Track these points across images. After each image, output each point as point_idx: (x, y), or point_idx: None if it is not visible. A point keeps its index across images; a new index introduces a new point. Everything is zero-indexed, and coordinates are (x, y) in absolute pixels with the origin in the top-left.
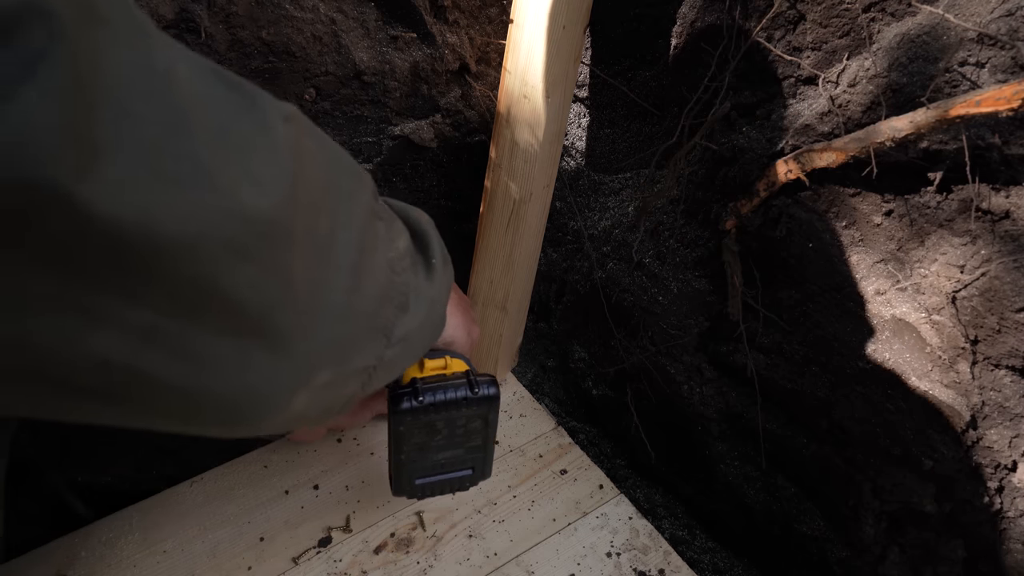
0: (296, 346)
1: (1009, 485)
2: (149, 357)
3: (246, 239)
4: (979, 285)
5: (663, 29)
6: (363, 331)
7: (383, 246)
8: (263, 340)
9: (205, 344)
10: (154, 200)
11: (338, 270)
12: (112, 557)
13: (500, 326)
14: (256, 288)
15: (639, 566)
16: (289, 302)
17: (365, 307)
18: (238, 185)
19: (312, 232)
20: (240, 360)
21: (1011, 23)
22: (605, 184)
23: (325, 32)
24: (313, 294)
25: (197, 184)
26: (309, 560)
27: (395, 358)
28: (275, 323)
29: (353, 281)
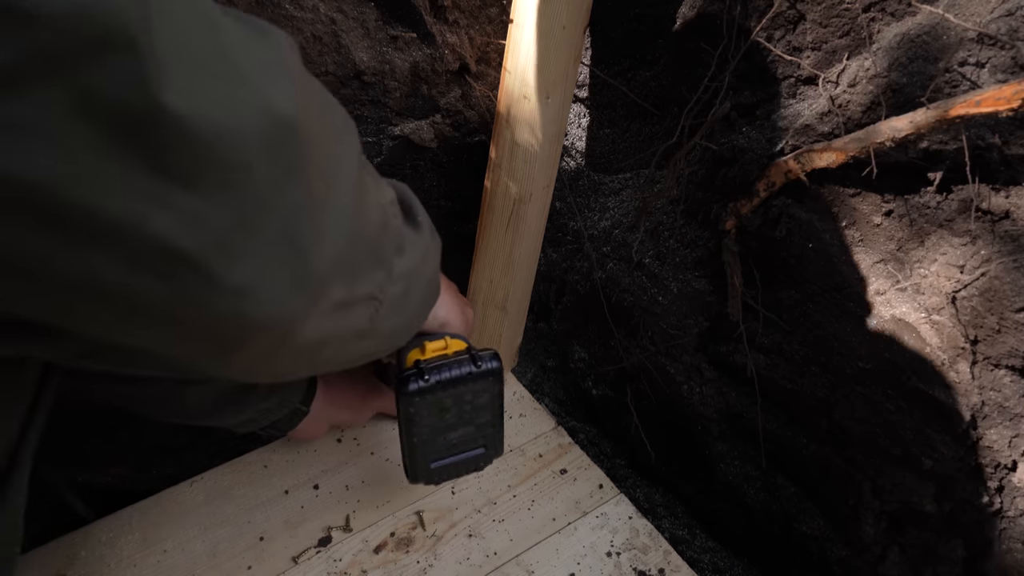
0: (312, 253)
1: (1009, 485)
2: (197, 240)
3: (276, 135)
4: (979, 285)
5: (663, 29)
6: (366, 256)
7: (374, 190)
8: (288, 245)
9: (242, 237)
10: (208, 95)
11: (343, 193)
12: (112, 557)
13: (500, 326)
14: (281, 189)
15: (639, 566)
16: (308, 208)
17: (367, 233)
18: (268, 90)
19: (322, 149)
20: (269, 260)
21: (1011, 23)
22: (605, 184)
23: (325, 32)
24: (323, 207)
25: (236, 84)
26: (309, 560)
27: (397, 300)
28: (298, 228)
29: (356, 206)
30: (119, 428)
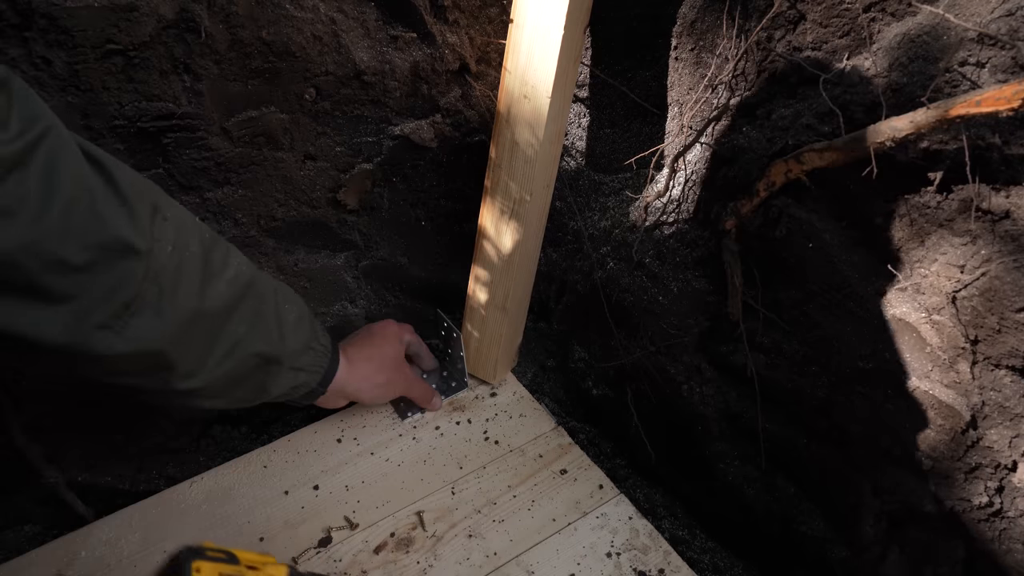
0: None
1: (1009, 485)
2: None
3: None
4: (979, 285)
5: (663, 29)
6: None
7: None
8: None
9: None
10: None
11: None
12: (112, 557)
13: (500, 326)
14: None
15: (639, 566)
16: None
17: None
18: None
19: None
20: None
21: (1011, 23)
22: (605, 184)
23: (325, 32)
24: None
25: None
26: (309, 560)
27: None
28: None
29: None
30: (119, 428)
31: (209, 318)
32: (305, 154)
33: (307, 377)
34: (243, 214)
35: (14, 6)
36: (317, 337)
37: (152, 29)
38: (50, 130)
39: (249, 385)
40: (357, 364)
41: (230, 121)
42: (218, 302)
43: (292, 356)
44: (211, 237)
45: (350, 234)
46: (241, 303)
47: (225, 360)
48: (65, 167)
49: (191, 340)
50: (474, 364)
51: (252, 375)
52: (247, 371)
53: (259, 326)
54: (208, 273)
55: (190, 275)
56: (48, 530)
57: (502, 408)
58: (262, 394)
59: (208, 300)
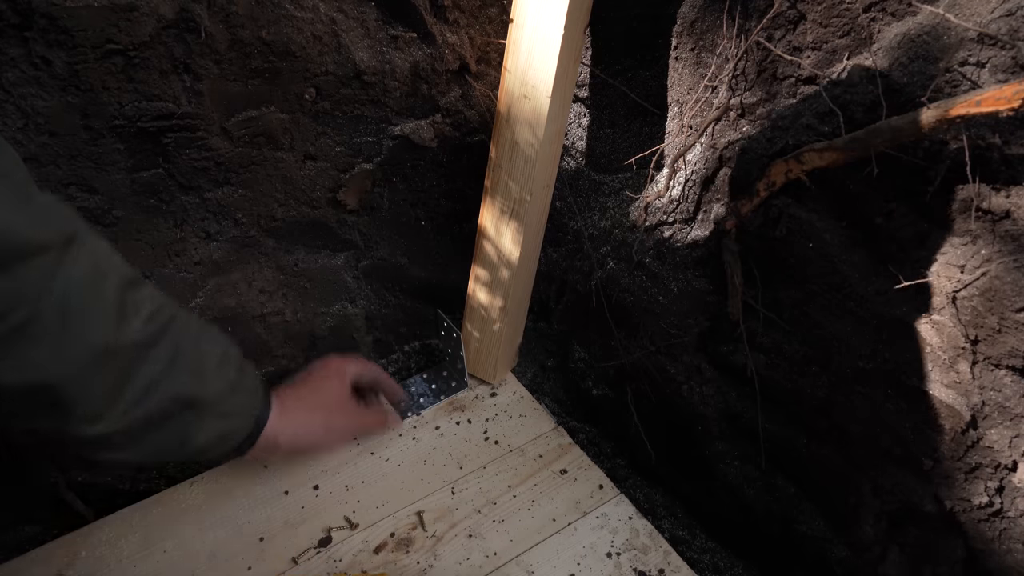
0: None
1: (1009, 485)
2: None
3: None
4: (979, 285)
5: (663, 29)
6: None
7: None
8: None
9: None
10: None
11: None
12: (112, 557)
13: (500, 326)
14: None
15: (639, 566)
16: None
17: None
18: None
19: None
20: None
21: (1011, 23)
22: (605, 184)
23: (325, 32)
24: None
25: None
26: (309, 560)
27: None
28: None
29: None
30: None
31: (121, 355)
32: (305, 154)
33: (237, 423)
34: (243, 214)
35: (14, 6)
36: (245, 381)
37: (152, 29)
38: None
39: (168, 433)
40: (292, 411)
41: (230, 121)
42: (133, 338)
43: (217, 399)
44: (132, 276)
45: (350, 234)
46: (160, 340)
47: (139, 403)
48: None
49: (96, 378)
50: (474, 364)
51: (171, 421)
52: (165, 416)
53: (179, 365)
54: (123, 309)
55: (100, 307)
56: (48, 530)
57: (502, 408)
58: (185, 443)
59: (121, 336)
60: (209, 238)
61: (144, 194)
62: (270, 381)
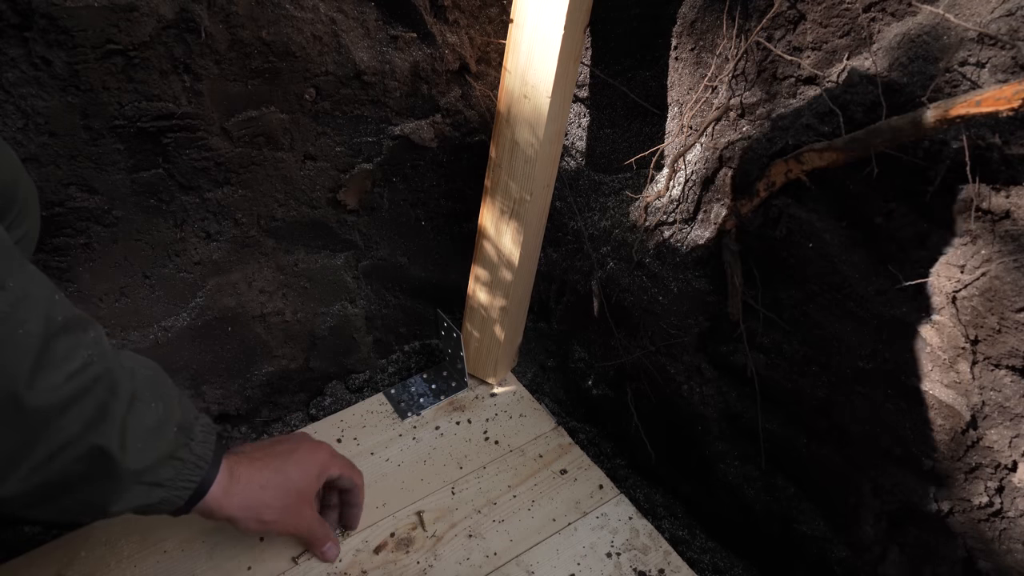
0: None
1: (1009, 485)
2: None
3: None
4: (979, 285)
5: (663, 29)
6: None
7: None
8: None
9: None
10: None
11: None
12: (112, 557)
13: (500, 326)
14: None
15: (639, 566)
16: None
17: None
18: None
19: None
20: None
21: (1011, 23)
22: (605, 184)
23: (325, 32)
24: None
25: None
26: (309, 560)
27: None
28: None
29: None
30: None
31: (31, 413)
32: (305, 154)
33: (165, 494)
34: (243, 214)
35: (14, 6)
36: (186, 449)
37: (152, 29)
38: None
39: (82, 497)
40: (246, 485)
41: (230, 121)
42: (49, 396)
43: (144, 470)
44: (69, 321)
45: (350, 234)
46: (80, 400)
47: (44, 467)
48: None
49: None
50: (474, 364)
51: (86, 487)
52: (75, 482)
53: (100, 430)
54: (43, 360)
55: (15, 357)
56: (48, 530)
57: (502, 408)
58: (102, 509)
59: (34, 392)
60: (209, 238)
61: (144, 194)
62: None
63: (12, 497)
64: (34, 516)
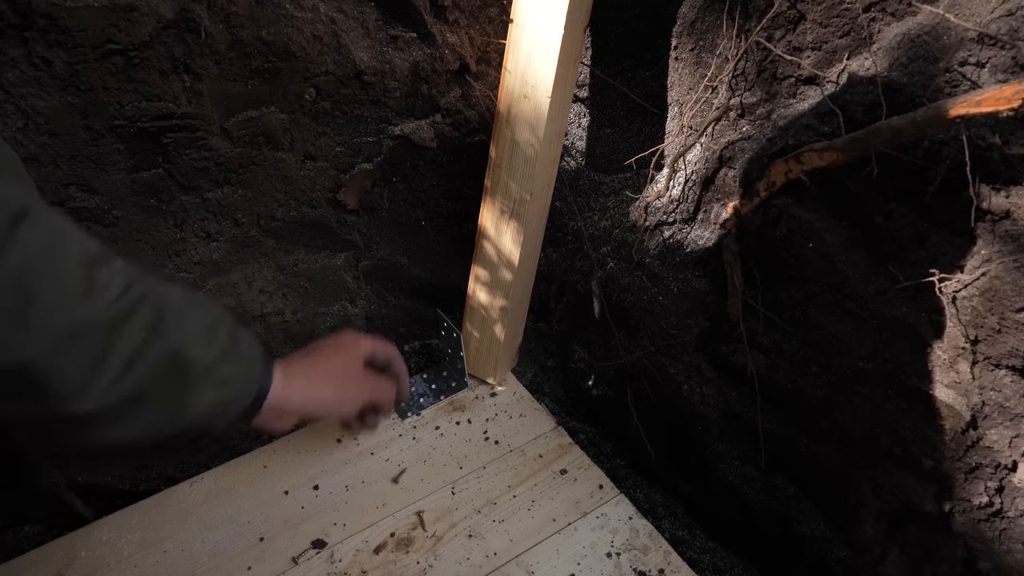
0: None
1: (1009, 485)
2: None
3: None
4: (979, 285)
5: (663, 29)
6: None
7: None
8: None
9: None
10: None
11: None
12: (112, 557)
13: (500, 326)
14: None
15: (639, 566)
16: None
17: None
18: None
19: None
20: None
21: (1011, 23)
22: (605, 184)
23: (325, 32)
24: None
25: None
26: (309, 560)
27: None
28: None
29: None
30: None
31: (92, 331)
32: (305, 154)
33: (234, 391)
34: (243, 214)
35: (14, 6)
36: (240, 348)
37: (152, 29)
38: None
39: (160, 405)
40: (300, 379)
41: (230, 121)
42: (102, 314)
43: (209, 368)
44: (98, 252)
45: (350, 234)
46: (134, 314)
47: (121, 378)
48: None
49: (69, 355)
50: (474, 364)
51: (160, 394)
52: (152, 389)
53: (161, 336)
54: (90, 281)
55: (66, 280)
56: (48, 530)
57: (502, 408)
58: (181, 413)
59: (89, 312)
60: (209, 238)
61: (144, 194)
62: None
63: (98, 412)
64: (123, 438)
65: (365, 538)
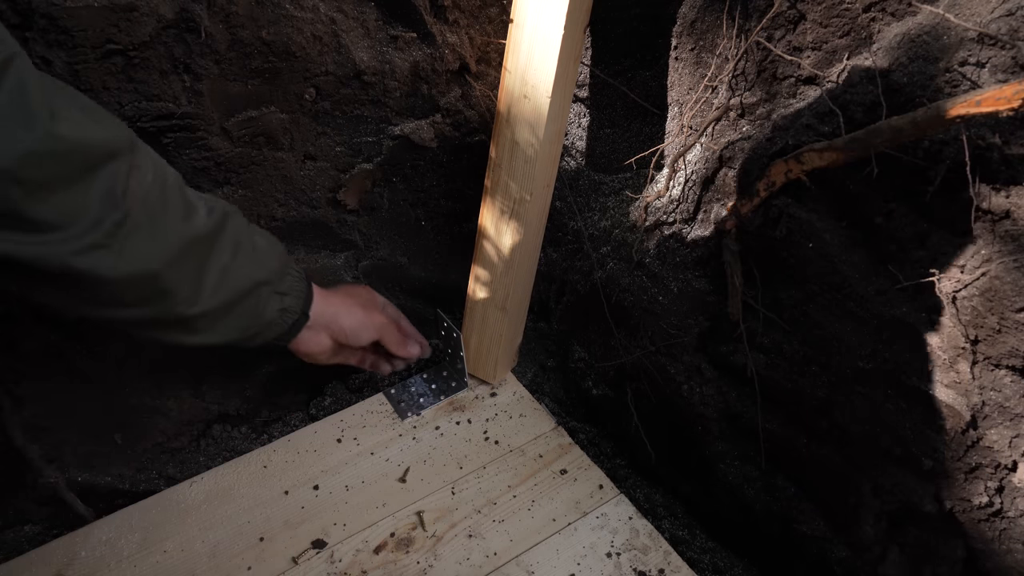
0: None
1: (1009, 485)
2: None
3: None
4: (979, 285)
5: (663, 29)
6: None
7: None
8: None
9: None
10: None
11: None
12: (112, 557)
13: (500, 326)
14: None
15: (639, 566)
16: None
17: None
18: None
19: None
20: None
21: (1011, 23)
22: (605, 184)
23: (325, 32)
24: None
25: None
26: (309, 560)
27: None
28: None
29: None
30: (119, 428)
31: (198, 244)
32: (305, 154)
33: (291, 301)
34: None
35: (14, 6)
36: (290, 264)
37: (152, 29)
38: (16, 55)
39: (243, 311)
40: (330, 296)
41: (230, 121)
42: (202, 230)
43: (274, 278)
44: (179, 174)
45: (350, 234)
46: (222, 232)
47: (219, 287)
48: (36, 92)
49: (186, 265)
50: (474, 364)
51: (244, 300)
52: (239, 296)
53: (240, 254)
54: (188, 203)
55: (173, 203)
56: (48, 530)
57: (502, 408)
58: (255, 320)
59: (193, 227)
60: None
61: None
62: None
63: (206, 313)
64: (208, 340)
65: (365, 538)
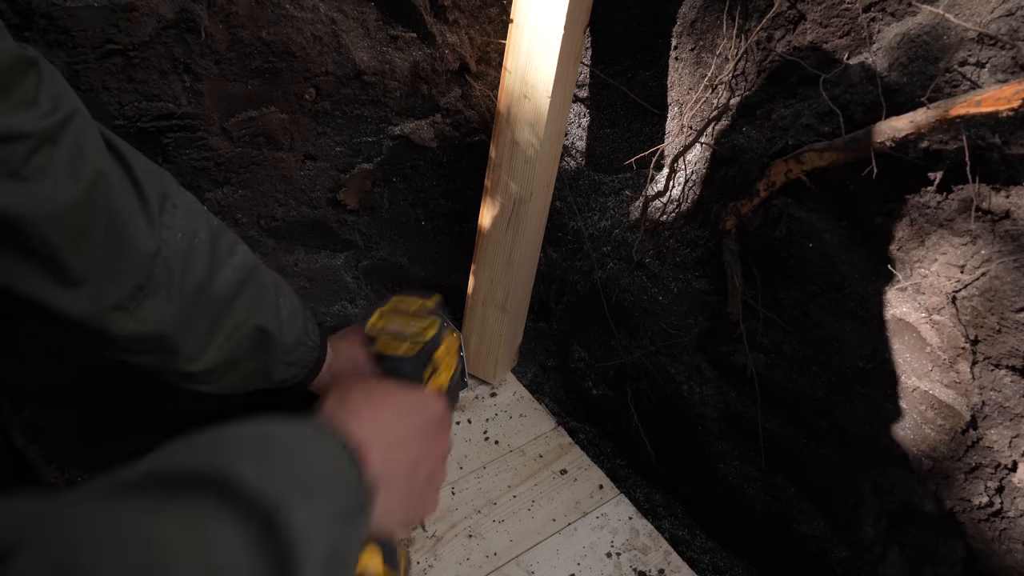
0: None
1: (1009, 485)
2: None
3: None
4: (979, 285)
5: (663, 29)
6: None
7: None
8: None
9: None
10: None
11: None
12: None
13: (500, 326)
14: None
15: (639, 566)
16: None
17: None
18: None
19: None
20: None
21: (1011, 23)
22: (605, 184)
23: (325, 32)
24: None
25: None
26: None
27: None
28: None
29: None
30: (119, 429)
31: (215, 303)
32: (305, 154)
33: (296, 372)
34: (243, 214)
35: (14, 6)
36: (308, 333)
37: (152, 29)
38: (77, 112)
39: (244, 371)
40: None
41: (230, 121)
42: (224, 288)
43: (285, 350)
44: (218, 225)
45: (350, 234)
46: (244, 291)
47: (225, 345)
48: (89, 150)
49: (196, 325)
50: (474, 364)
51: (248, 361)
52: (245, 356)
53: (258, 314)
54: (215, 260)
55: (199, 261)
56: None
57: (502, 408)
58: (259, 381)
59: (215, 286)
60: None
61: None
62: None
63: (206, 370)
64: (207, 390)
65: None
